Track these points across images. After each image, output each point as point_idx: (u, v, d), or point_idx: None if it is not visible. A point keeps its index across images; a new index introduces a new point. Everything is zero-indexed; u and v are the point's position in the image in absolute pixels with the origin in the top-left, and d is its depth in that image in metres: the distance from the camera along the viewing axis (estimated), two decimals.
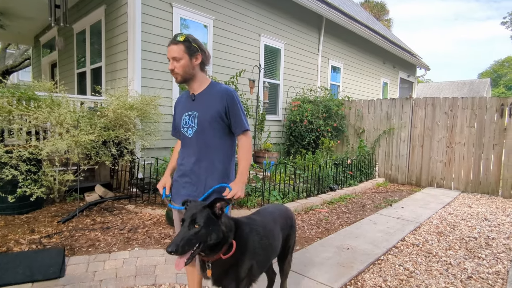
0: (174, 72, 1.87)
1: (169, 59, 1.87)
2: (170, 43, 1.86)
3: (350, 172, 6.73)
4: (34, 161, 3.93)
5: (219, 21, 6.85)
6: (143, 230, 3.73)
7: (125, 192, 5.14)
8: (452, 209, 5.39)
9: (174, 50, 1.84)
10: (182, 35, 1.85)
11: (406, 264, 3.17)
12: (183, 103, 2.02)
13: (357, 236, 3.86)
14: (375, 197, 6.08)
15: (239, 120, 1.92)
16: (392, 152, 7.85)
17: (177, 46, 1.84)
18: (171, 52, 1.85)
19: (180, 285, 2.59)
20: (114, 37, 6.11)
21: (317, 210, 4.97)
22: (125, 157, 4.85)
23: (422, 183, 7.41)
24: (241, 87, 7.16)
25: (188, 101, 1.98)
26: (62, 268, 2.71)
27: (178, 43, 1.84)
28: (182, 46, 1.84)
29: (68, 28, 7.59)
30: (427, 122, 7.34)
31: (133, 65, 5.57)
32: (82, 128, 4.20)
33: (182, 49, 1.84)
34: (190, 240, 1.46)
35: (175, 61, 1.85)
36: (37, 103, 4.31)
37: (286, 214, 2.14)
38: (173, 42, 1.85)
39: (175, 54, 1.84)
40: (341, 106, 8.49)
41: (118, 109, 4.67)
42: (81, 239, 3.39)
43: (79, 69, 7.63)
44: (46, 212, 4.16)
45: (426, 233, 4.10)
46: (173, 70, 1.86)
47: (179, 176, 1.98)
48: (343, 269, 2.96)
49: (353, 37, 10.94)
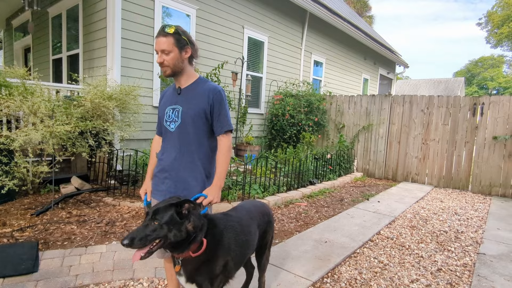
0: (163, 65, 1.80)
1: (157, 52, 1.79)
2: (158, 35, 1.78)
3: (329, 166, 6.86)
4: (5, 151, 3.77)
5: (202, 11, 6.73)
6: (121, 223, 3.67)
7: (103, 184, 5.02)
8: (425, 203, 5.61)
9: (163, 42, 1.76)
10: (171, 26, 1.77)
11: (380, 257, 3.28)
12: (168, 96, 1.97)
13: (335, 230, 3.96)
14: (353, 191, 6.24)
15: (223, 118, 1.87)
16: (370, 147, 8.04)
17: (166, 38, 1.76)
18: (159, 44, 1.77)
19: (159, 279, 2.58)
20: (92, 23, 5.88)
21: (297, 204, 5.05)
22: (103, 149, 4.73)
23: (398, 178, 7.66)
24: (223, 79, 7.09)
25: (173, 95, 1.93)
26: (35, 263, 2.63)
27: (167, 35, 1.76)
28: (171, 38, 1.77)
29: (43, 12, 7.24)
30: (404, 119, 7.56)
31: (112, 54, 5.40)
32: (57, 118, 4.05)
33: (172, 41, 1.77)
34: (147, 235, 1.43)
35: (164, 54, 1.78)
36: (8, 90, 4.11)
37: (263, 210, 2.16)
38: (162, 34, 1.77)
39: (164, 46, 1.77)
40: (323, 101, 8.59)
41: (96, 99, 4.53)
42: (56, 233, 3.30)
43: (55, 56, 7.31)
44: (18, 205, 4.01)
45: (400, 227, 4.25)
46: (162, 63, 1.79)
47: (158, 171, 1.94)
48: (321, 262, 3.03)
49: (336, 33, 11.04)
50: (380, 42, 14.27)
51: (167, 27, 1.77)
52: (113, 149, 5.02)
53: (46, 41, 7.60)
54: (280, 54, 9.05)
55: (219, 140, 1.91)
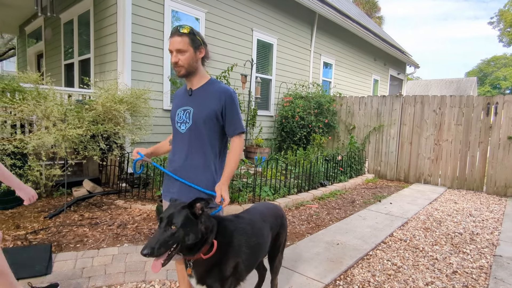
0: (178, 65, 1.79)
1: (172, 51, 1.78)
2: (173, 35, 1.78)
3: (340, 168, 6.79)
4: (19, 155, 3.83)
5: (211, 14, 6.77)
6: (133, 225, 3.69)
7: (114, 187, 5.07)
8: (439, 205, 5.50)
9: (179, 42, 1.76)
10: (186, 27, 1.77)
11: (394, 259, 3.22)
12: (180, 98, 1.97)
13: (347, 232, 3.91)
14: (364, 193, 6.16)
15: (236, 121, 1.87)
16: (381, 148, 7.94)
17: (181, 38, 1.76)
18: (175, 44, 1.76)
19: (171, 282, 2.58)
20: (103, 28, 5.97)
21: (308, 205, 5.00)
22: (114, 152, 4.78)
23: (410, 179, 7.53)
24: (233, 82, 7.11)
25: (184, 96, 1.93)
26: (49, 265, 2.66)
27: (183, 35, 1.76)
28: (186, 38, 1.77)
29: (55, 18, 7.38)
30: (416, 119, 7.44)
31: (122, 58, 5.46)
32: (69, 122, 4.10)
33: (187, 41, 1.77)
34: (166, 242, 1.41)
35: (179, 54, 1.77)
36: (22, 95, 4.19)
37: (276, 212, 2.13)
38: (177, 33, 1.76)
39: (180, 46, 1.76)
40: (333, 103, 8.52)
41: (107, 103, 4.58)
42: (68, 235, 3.33)
43: (67, 61, 7.45)
44: (32, 208, 4.07)
45: (414, 229, 4.17)
46: (177, 63, 1.78)
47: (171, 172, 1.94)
48: (333, 265, 2.99)
49: (346, 34, 10.97)
50: (390, 43, 14.13)
51: (181, 27, 1.77)
52: (124, 152, 5.07)
53: (58, 47, 7.75)
54: (289, 56, 9.03)
55: (232, 141, 1.90)
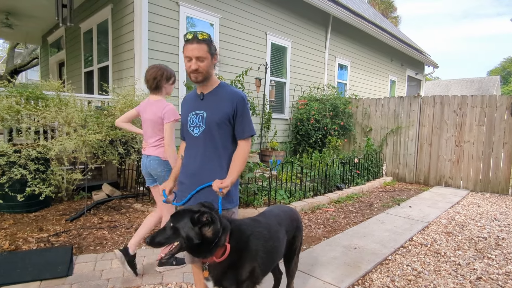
0: (197, 72, 1.80)
1: (191, 58, 1.79)
2: (192, 41, 1.78)
3: (357, 171, 6.68)
4: (42, 160, 3.97)
5: (225, 19, 6.84)
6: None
7: (132, 191, 5.16)
8: (461, 208, 5.31)
9: (198, 49, 1.77)
10: (203, 33, 1.79)
11: (414, 264, 3.13)
12: (190, 102, 1.99)
13: (364, 236, 3.83)
14: (382, 196, 6.03)
15: (247, 124, 1.89)
16: (399, 150, 7.77)
17: (200, 45, 1.78)
18: (194, 51, 1.77)
19: (187, 284, 2.59)
20: (121, 36, 6.13)
21: (324, 209, 4.94)
22: (132, 156, 4.88)
23: (430, 182, 7.32)
24: (247, 85, 7.14)
25: (196, 100, 1.94)
26: (70, 267, 2.73)
27: (201, 42, 1.78)
28: (205, 45, 1.79)
29: (75, 28, 7.65)
30: (435, 120, 7.24)
31: (139, 64, 5.59)
32: (89, 128, 4.22)
33: (205, 48, 1.79)
34: (165, 237, 1.55)
35: (198, 61, 1.79)
36: (45, 102, 4.35)
37: (291, 215, 2.12)
38: (196, 40, 1.77)
39: (200, 53, 1.77)
40: (348, 105, 8.42)
41: (125, 108, 4.68)
42: (88, 238, 3.42)
43: (86, 68, 7.68)
44: (54, 211, 4.20)
45: (435, 233, 4.05)
46: (196, 70, 1.79)
47: (185, 177, 1.95)
48: (350, 269, 2.93)
49: (361, 35, 10.84)
50: (407, 43, 13.86)
51: (199, 34, 1.78)
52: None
53: (78, 55, 8.01)
54: (304, 59, 9.00)
55: (239, 144, 1.91)
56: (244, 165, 1.89)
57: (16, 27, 8.98)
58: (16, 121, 4.16)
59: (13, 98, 4.19)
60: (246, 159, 1.91)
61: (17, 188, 3.80)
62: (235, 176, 1.82)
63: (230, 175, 1.82)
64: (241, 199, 4.50)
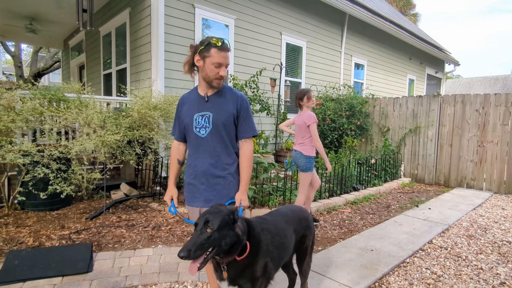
0: (222, 78, 1.87)
1: (221, 65, 1.82)
2: (225, 50, 1.82)
3: (374, 171, 6.57)
4: (63, 160, 4.10)
5: (240, 20, 6.87)
6: (166, 228, 3.80)
7: (149, 190, 5.26)
8: (484, 211, 5.13)
9: (228, 57, 1.85)
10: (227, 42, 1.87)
11: (433, 267, 3.04)
12: (192, 103, 1.96)
13: (381, 238, 3.76)
14: (400, 198, 5.90)
15: (251, 124, 1.95)
16: (418, 151, 7.58)
17: (229, 53, 1.86)
18: (227, 60, 1.84)
19: (203, 283, 2.62)
20: (138, 38, 6.26)
21: (340, 210, 4.88)
22: (149, 156, 4.97)
23: (451, 184, 7.11)
24: (262, 86, 7.14)
25: (199, 102, 1.94)
26: (90, 263, 2.81)
27: (229, 50, 1.85)
28: (229, 53, 1.87)
29: (95, 31, 7.86)
30: (456, 120, 7.03)
31: (156, 66, 5.69)
32: (108, 128, 4.33)
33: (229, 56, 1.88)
34: (202, 244, 1.44)
35: (225, 68, 1.85)
36: (66, 104, 4.50)
37: (300, 215, 2.13)
38: (227, 49, 1.83)
39: (228, 61, 1.86)
40: (365, 104, 8.29)
41: (142, 109, 4.78)
42: (107, 236, 3.50)
43: (105, 71, 7.89)
44: (75, 209, 4.33)
45: (455, 236, 3.92)
46: (222, 77, 1.86)
47: (193, 178, 1.96)
48: (367, 271, 2.89)
49: (378, 33, 10.65)
50: (426, 40, 13.51)
51: (227, 42, 1.84)
52: (158, 157, 5.25)
53: (97, 58, 8.24)
54: (319, 58, 8.92)
55: (241, 145, 1.95)
56: (251, 167, 1.96)
57: (40, 32, 9.32)
58: (39, 123, 4.32)
59: (37, 100, 4.35)
60: (252, 159, 1.96)
61: (40, 187, 3.94)
62: (247, 184, 1.93)
63: (244, 186, 1.92)
64: (256, 199, 4.51)
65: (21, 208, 4.20)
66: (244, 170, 1.92)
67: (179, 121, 2.02)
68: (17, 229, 3.54)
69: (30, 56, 17.22)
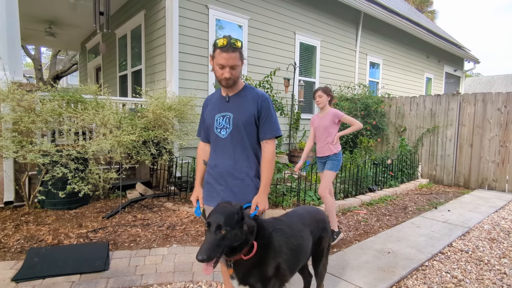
0: (229, 79, 1.80)
1: (224, 66, 1.76)
2: (227, 49, 1.72)
3: (390, 172, 6.43)
4: (81, 159, 4.19)
5: (254, 20, 6.86)
6: (181, 227, 3.82)
7: (163, 190, 5.31)
8: (507, 213, 4.95)
9: (233, 58, 1.75)
10: (237, 40, 1.76)
11: (453, 271, 2.95)
12: (214, 104, 1.97)
13: (399, 240, 3.67)
14: (418, 199, 5.76)
15: (273, 124, 1.89)
16: (437, 151, 7.38)
17: (235, 53, 1.74)
18: (229, 60, 1.74)
19: (217, 283, 2.61)
20: (153, 40, 6.34)
21: (355, 211, 4.80)
22: (164, 157, 5.01)
23: (471, 185, 6.89)
24: (275, 86, 7.11)
25: (221, 102, 1.94)
26: (106, 262, 2.85)
27: (235, 50, 1.74)
28: (237, 53, 1.76)
29: (111, 34, 8.01)
30: (476, 119, 6.81)
31: (170, 67, 5.74)
32: (124, 129, 4.39)
33: (238, 56, 1.77)
34: (219, 246, 1.46)
35: (232, 69, 1.77)
36: (83, 105, 4.59)
37: (317, 216, 2.10)
38: (231, 49, 1.73)
39: (234, 62, 1.75)
40: (381, 104, 8.14)
41: (157, 110, 4.83)
42: (123, 235, 3.55)
43: (121, 72, 8.02)
44: (92, 208, 4.41)
45: (477, 239, 3.79)
46: (229, 78, 1.79)
47: (213, 178, 1.95)
48: (384, 274, 2.82)
49: (394, 31, 10.45)
50: (445, 38, 13.17)
51: (233, 41, 1.74)
52: (173, 157, 5.30)
53: (113, 60, 8.39)
54: (334, 58, 8.82)
55: (263, 146, 1.92)
56: (273, 169, 1.91)
57: (58, 35, 9.58)
58: (58, 123, 4.42)
59: (56, 102, 4.46)
60: (274, 162, 1.91)
61: (59, 186, 4.03)
62: (267, 186, 1.87)
63: (264, 188, 1.86)
64: (270, 200, 4.48)
65: (40, 207, 4.31)
66: (264, 172, 1.88)
67: (203, 122, 2.03)
68: (37, 227, 3.63)
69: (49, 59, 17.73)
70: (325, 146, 3.78)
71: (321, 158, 3.84)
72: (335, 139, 3.75)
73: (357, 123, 3.78)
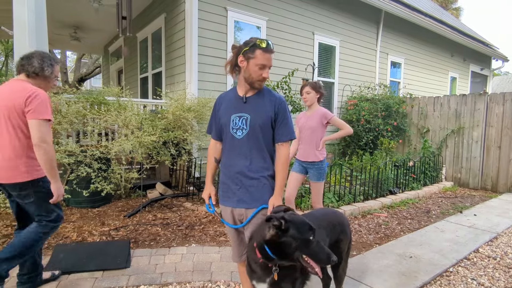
0: (264, 80, 1.88)
1: (265, 66, 1.84)
2: (269, 51, 1.84)
3: (412, 174, 6.26)
4: (104, 159, 4.31)
5: (272, 21, 6.85)
6: (200, 227, 3.86)
7: (183, 190, 5.39)
8: None
9: (271, 59, 1.87)
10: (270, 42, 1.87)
11: (480, 278, 2.83)
12: (230, 103, 1.96)
13: (421, 244, 3.56)
14: (441, 203, 5.57)
15: (288, 127, 1.91)
16: (462, 153, 7.12)
17: (273, 54, 1.87)
18: (270, 60, 1.86)
19: (235, 283, 2.62)
20: (173, 43, 6.45)
21: (376, 214, 4.70)
22: (183, 157, 5.09)
23: (499, 189, 6.60)
24: (294, 86, 7.06)
25: (237, 102, 1.93)
26: (128, 259, 2.92)
27: (273, 51, 1.87)
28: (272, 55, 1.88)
29: (133, 37, 8.22)
30: (505, 120, 6.52)
31: (190, 69, 5.82)
32: (145, 130, 4.49)
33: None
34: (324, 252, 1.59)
35: (268, 70, 1.86)
36: (106, 107, 4.73)
37: (334, 219, 2.09)
38: (271, 50, 1.85)
39: (271, 63, 1.87)
40: (402, 104, 7.93)
41: (177, 111, 4.91)
42: (144, 233, 3.62)
43: (142, 75, 8.21)
44: (114, 207, 4.53)
45: (505, 245, 3.62)
46: (265, 78, 1.86)
47: (228, 178, 1.95)
48: (405, 279, 2.74)
49: (416, 30, 10.17)
50: (470, 35, 12.69)
51: (271, 43, 1.85)
52: (192, 157, 5.37)
53: (135, 63, 8.60)
54: (353, 58, 8.68)
55: (277, 149, 1.92)
56: (287, 171, 1.93)
57: (83, 40, 9.92)
58: (82, 124, 4.58)
59: (80, 104, 4.62)
60: (288, 164, 1.93)
61: (83, 185, 4.17)
62: (282, 188, 1.88)
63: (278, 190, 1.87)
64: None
65: (66, 205, 4.47)
66: (279, 174, 1.89)
67: (216, 120, 2.02)
68: (62, 225, 3.76)
69: (74, 62, 18.37)
70: (309, 150, 3.42)
71: (302, 162, 3.48)
72: (321, 144, 3.41)
73: (347, 127, 3.51)
